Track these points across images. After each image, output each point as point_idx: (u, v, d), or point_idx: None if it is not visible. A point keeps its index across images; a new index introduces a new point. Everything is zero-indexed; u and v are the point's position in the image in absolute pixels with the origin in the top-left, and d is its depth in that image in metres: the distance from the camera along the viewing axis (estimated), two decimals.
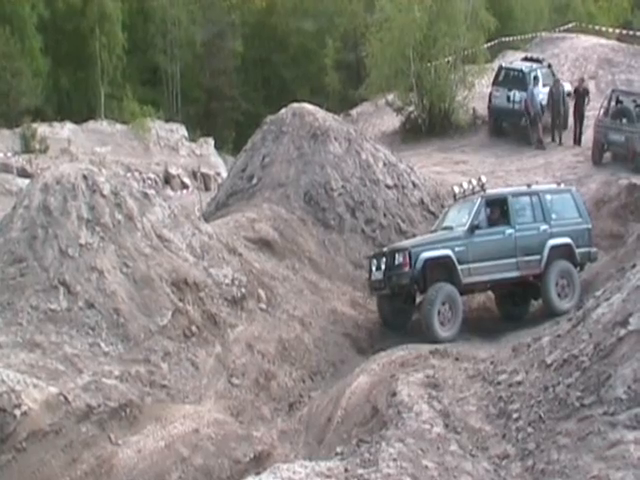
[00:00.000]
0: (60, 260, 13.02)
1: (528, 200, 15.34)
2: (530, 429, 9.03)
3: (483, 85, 26.95)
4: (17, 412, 10.46)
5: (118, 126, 36.66)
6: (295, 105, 18.90)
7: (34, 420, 10.53)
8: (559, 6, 50.51)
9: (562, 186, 16.46)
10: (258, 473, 9.20)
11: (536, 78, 24.88)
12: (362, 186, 17.33)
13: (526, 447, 8.85)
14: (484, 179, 15.76)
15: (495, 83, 25.84)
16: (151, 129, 37.05)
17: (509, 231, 14.94)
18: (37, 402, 10.68)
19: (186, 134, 38.78)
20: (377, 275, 14.82)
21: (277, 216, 16.45)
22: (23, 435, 10.40)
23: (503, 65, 26.95)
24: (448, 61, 27.42)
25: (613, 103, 21.89)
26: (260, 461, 10.98)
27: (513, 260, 14.83)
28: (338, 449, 9.68)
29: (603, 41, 34.46)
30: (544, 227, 15.13)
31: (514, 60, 28.50)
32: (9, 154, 30.75)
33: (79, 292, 12.75)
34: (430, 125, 27.15)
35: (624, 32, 38.93)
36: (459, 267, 14.42)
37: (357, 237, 16.67)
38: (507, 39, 37.15)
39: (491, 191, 15.67)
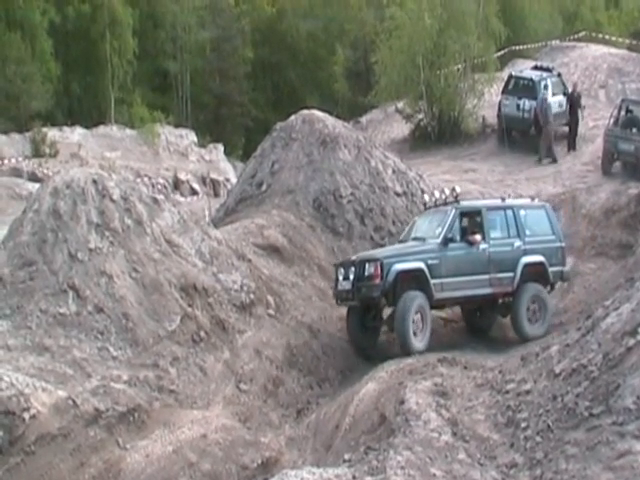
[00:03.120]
0: (69, 264, 13.03)
1: (502, 214, 14.72)
2: (538, 438, 9.00)
3: (493, 94, 26.97)
4: (26, 415, 10.47)
5: (128, 131, 36.79)
6: (305, 112, 18.94)
7: (43, 423, 10.54)
8: (567, 15, 50.58)
9: (536, 201, 15.96)
10: (266, 479, 9.21)
11: (546, 87, 24.91)
12: (371, 193, 17.33)
13: (534, 456, 8.82)
14: (458, 189, 15.18)
15: (505, 92, 25.88)
16: (160, 134, 37.18)
17: (483, 246, 14.25)
18: (46, 405, 10.69)
19: (195, 140, 38.89)
20: (344, 285, 14.03)
21: (286, 222, 16.46)
22: (32, 438, 10.40)
23: (513, 74, 27.02)
24: (458, 69, 27.48)
25: (623, 112, 21.90)
26: (268, 467, 10.98)
27: (486, 277, 14.18)
28: (346, 456, 9.66)
29: (613, 50, 34.51)
30: (518, 243, 14.50)
31: (524, 69, 28.55)
32: (19, 158, 30.86)
33: (88, 296, 12.75)
34: (439, 133, 27.23)
35: (634, 42, 38.92)
36: (432, 281, 13.71)
37: (366, 244, 16.64)
38: (517, 48, 37.20)
39: (465, 202, 15.09)
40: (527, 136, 25.29)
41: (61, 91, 39.57)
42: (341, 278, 14.16)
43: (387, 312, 14.19)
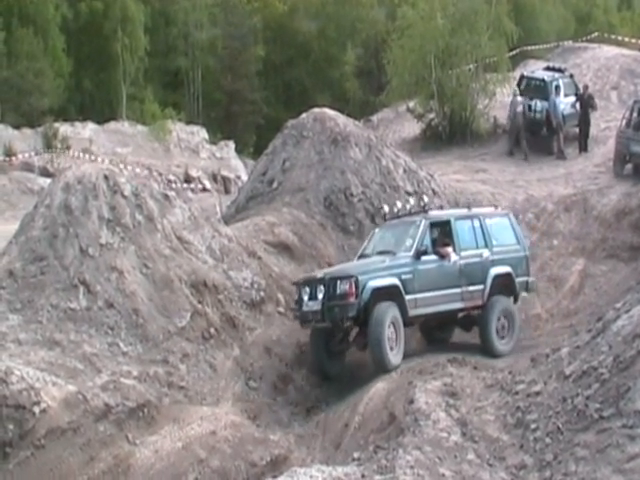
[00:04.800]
0: (80, 259, 13.05)
1: (470, 224, 14.09)
2: (548, 440, 8.99)
3: (504, 94, 26.90)
4: (36, 409, 10.49)
5: (139, 127, 36.88)
6: (316, 110, 18.93)
7: (53, 418, 10.57)
8: (580, 16, 50.49)
9: (499, 210, 15.49)
10: (275, 477, 9.23)
11: (558, 88, 24.81)
12: (382, 192, 17.31)
13: (544, 458, 8.81)
14: (426, 199, 14.57)
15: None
16: (172, 131, 37.25)
17: (454, 257, 13.58)
18: (56, 400, 10.72)
19: (207, 137, 38.97)
20: (312, 305, 12.84)
21: (297, 220, 16.46)
22: (42, 432, 10.43)
23: (525, 74, 26.92)
24: (469, 69, 27.41)
25: (635, 114, 21.78)
26: (277, 465, 11.01)
27: (458, 290, 13.50)
28: (355, 455, 9.69)
29: (626, 51, 34.36)
30: (486, 254, 13.93)
31: (536, 69, 28.45)
32: (31, 153, 30.95)
33: (99, 292, 12.77)
34: (450, 133, 27.14)
35: None
36: (406, 297, 12.89)
37: None
38: (529, 48, 37.10)
39: (432, 213, 14.29)
40: (539, 137, 25.21)
41: (73, 87, 39.70)
42: (306, 298, 12.99)
43: (354, 332, 13.39)
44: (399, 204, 14.70)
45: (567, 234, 18.11)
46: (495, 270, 13.85)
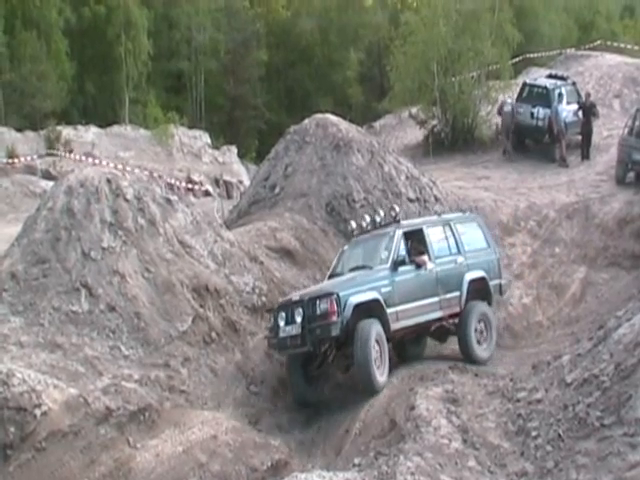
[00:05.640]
0: (82, 262, 13.05)
1: (442, 230, 13.85)
2: (549, 447, 8.98)
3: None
4: (37, 412, 10.48)
5: (142, 131, 36.93)
6: (318, 116, 18.97)
7: (54, 420, 10.55)
8: (583, 24, 50.59)
9: (468, 214, 15.36)
10: None
11: (560, 95, 24.86)
12: (384, 198, 17.33)
13: (545, 465, 8.80)
14: (397, 209, 14.17)
15: (519, 99, 25.84)
16: (174, 135, 37.30)
17: (430, 266, 13.26)
18: (57, 403, 10.70)
19: (209, 141, 39.02)
20: (290, 330, 12.26)
21: (299, 226, 16.48)
22: (43, 435, 10.41)
23: (527, 81, 26.96)
24: (472, 76, 27.44)
25: (638, 122, 21.79)
26: (277, 470, 11.00)
27: (436, 299, 13.16)
28: (356, 461, 9.67)
29: (628, 59, 34.40)
30: (460, 259, 13.68)
31: (538, 77, 28.49)
32: (34, 156, 30.99)
33: (100, 295, 12.77)
34: (453, 139, 27.18)
35: None
36: (388, 311, 12.41)
37: None
38: (532, 55, 37.17)
39: (405, 222, 13.91)
40: (541, 144, 25.24)
41: (76, 90, 39.80)
42: (282, 323, 12.40)
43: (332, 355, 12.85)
44: (368, 218, 14.26)
45: (569, 242, 18.13)
46: (470, 275, 13.62)
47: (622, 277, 15.76)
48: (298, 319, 12.20)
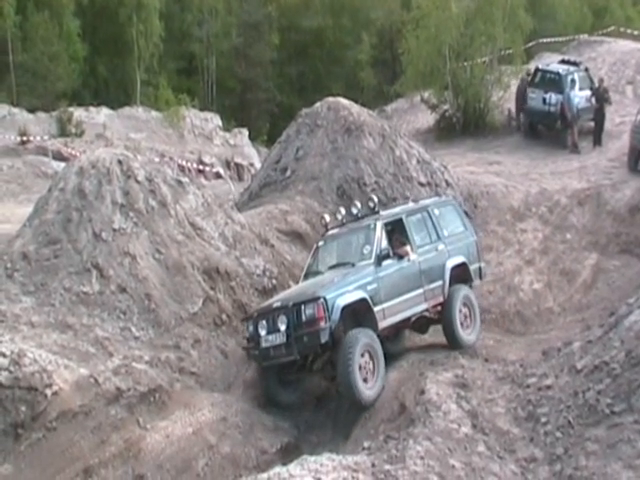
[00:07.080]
0: (93, 243, 13.07)
1: (420, 217, 13.23)
2: (559, 434, 8.99)
3: None
4: (48, 392, 10.53)
5: (153, 113, 36.89)
6: (330, 99, 18.92)
7: (64, 400, 10.60)
8: (597, 10, 50.25)
9: (443, 198, 15.02)
10: (285, 464, 9.23)
11: (573, 81, 24.72)
12: (395, 182, 17.30)
13: (554, 452, 8.82)
14: (375, 199, 13.38)
15: (531, 85, 25.72)
16: (186, 117, 37.26)
17: (412, 256, 12.65)
18: (68, 383, 10.75)
19: (220, 124, 38.94)
20: (273, 340, 11.42)
21: (309, 209, 16.46)
22: (53, 415, 10.46)
23: (539, 67, 26.83)
24: (484, 61, 27.32)
25: None
26: (287, 452, 11.05)
27: (420, 290, 12.57)
28: (365, 444, 9.70)
29: None
30: (441, 246, 13.15)
31: (551, 62, 28.33)
32: (45, 137, 31.01)
33: (111, 276, 12.79)
34: (464, 124, 27.11)
35: None
36: (375, 309, 11.74)
37: None
38: (545, 41, 36.96)
39: (384, 212, 13.23)
40: (553, 130, 25.14)
41: (87, 72, 39.74)
42: (264, 332, 11.54)
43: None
44: (343, 211, 13.50)
45: (580, 228, 18.07)
46: (451, 262, 13.13)
47: (634, 264, 15.70)
48: (282, 327, 11.34)
